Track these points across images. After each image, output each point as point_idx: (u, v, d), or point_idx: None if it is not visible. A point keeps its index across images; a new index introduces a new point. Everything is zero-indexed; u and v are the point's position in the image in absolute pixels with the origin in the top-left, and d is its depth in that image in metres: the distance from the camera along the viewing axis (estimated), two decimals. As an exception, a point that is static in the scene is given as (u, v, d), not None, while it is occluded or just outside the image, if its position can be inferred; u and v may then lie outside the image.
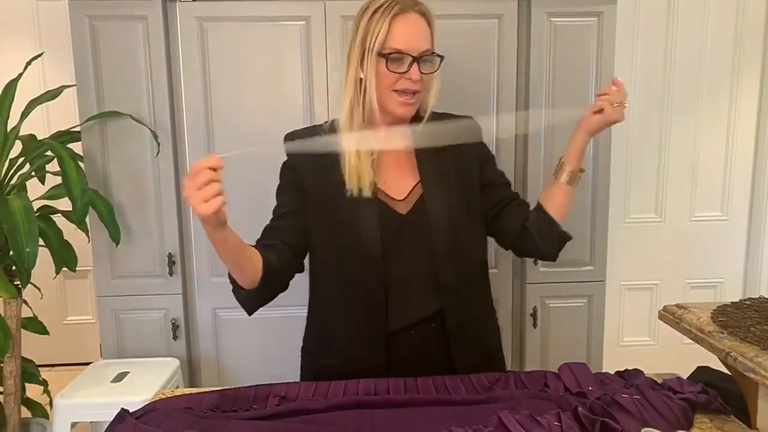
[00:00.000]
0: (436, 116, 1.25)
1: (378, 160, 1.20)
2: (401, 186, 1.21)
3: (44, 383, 2.05)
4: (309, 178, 1.20)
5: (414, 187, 1.21)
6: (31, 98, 1.92)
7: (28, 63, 1.88)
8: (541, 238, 1.24)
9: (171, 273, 1.97)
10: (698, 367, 1.33)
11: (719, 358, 0.99)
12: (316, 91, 1.92)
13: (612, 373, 1.09)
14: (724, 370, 1.12)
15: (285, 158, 1.24)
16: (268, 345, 2.03)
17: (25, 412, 2.01)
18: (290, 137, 1.24)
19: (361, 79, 1.16)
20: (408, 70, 1.14)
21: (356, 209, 1.16)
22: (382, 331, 1.18)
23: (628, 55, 2.54)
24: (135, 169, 1.93)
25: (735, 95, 2.62)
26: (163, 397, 1.06)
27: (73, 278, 3.02)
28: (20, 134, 1.91)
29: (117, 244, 1.89)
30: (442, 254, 1.18)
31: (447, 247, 1.19)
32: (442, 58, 1.19)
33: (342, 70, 1.19)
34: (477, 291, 1.28)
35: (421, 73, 1.14)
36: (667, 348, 2.70)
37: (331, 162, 1.18)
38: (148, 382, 1.78)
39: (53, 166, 1.86)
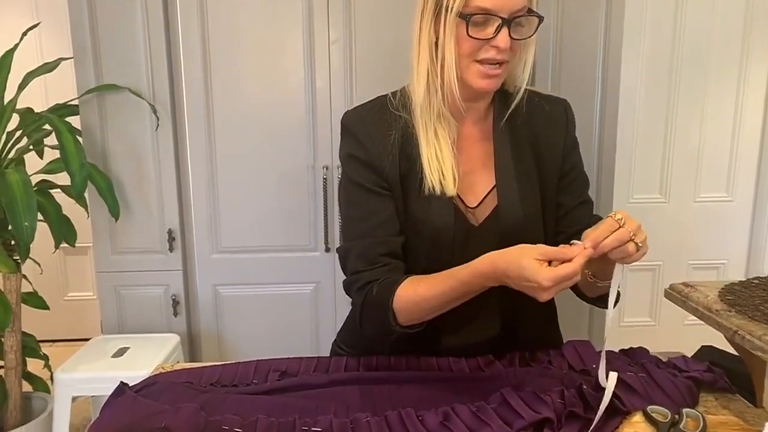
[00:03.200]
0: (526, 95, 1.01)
1: (456, 150, 0.99)
2: (477, 188, 1.00)
3: (45, 358, 2.05)
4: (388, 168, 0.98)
5: (489, 192, 1.00)
6: (29, 71, 1.89)
7: (24, 33, 1.85)
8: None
9: (171, 249, 1.96)
10: (702, 346, 1.32)
11: (726, 337, 0.98)
12: (317, 64, 1.89)
13: (616, 351, 1.08)
14: (728, 349, 1.11)
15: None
16: (268, 321, 2.02)
17: (27, 387, 2.01)
18: (357, 118, 1.01)
19: (436, 41, 0.93)
20: (495, 35, 0.89)
21: (428, 211, 0.97)
22: (430, 350, 1.04)
23: (637, 33, 2.49)
24: (134, 144, 1.90)
25: (743, 75, 2.58)
26: (163, 371, 1.05)
27: (74, 254, 3.01)
28: (17, 107, 1.88)
29: (116, 219, 1.88)
30: None
31: None
32: (540, 18, 0.91)
33: (412, 30, 0.95)
34: (544, 317, 1.11)
35: (512, 38, 0.89)
36: (668, 328, 2.69)
37: (405, 147, 0.98)
38: (149, 357, 1.78)
39: (51, 140, 1.84)
